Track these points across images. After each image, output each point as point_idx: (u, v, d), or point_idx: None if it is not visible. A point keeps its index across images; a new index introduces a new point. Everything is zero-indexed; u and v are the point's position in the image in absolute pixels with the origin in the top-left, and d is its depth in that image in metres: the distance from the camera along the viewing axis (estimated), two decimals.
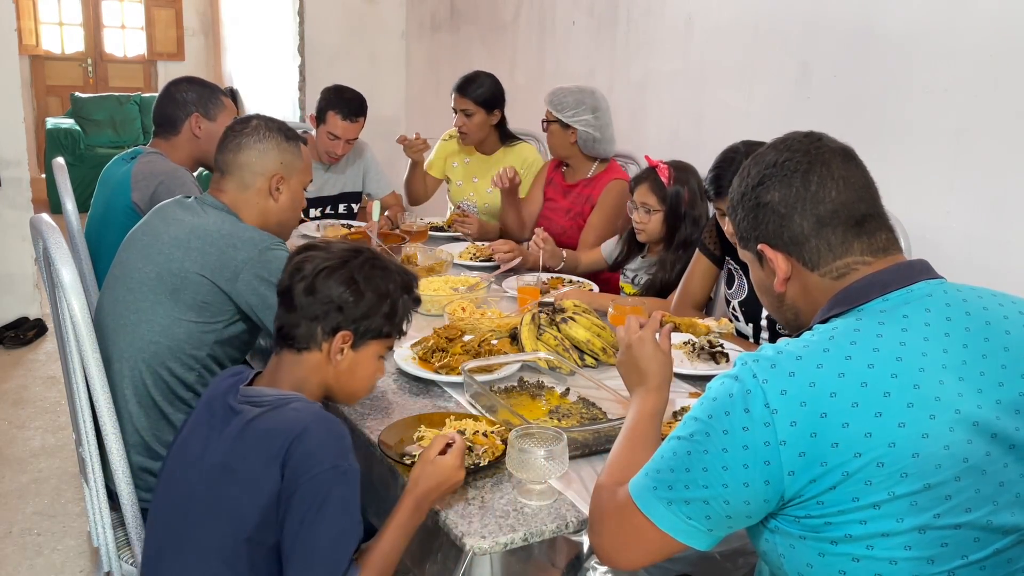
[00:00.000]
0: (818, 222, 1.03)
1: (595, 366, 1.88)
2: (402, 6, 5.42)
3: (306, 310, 1.27)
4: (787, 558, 0.97)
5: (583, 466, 1.41)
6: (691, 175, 2.38)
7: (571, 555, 1.28)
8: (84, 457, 1.56)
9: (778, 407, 0.91)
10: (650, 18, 3.35)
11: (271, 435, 1.17)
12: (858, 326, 0.96)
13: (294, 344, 1.29)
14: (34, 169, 6.43)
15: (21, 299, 4.16)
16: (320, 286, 1.27)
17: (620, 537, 1.04)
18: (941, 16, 2.27)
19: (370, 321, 1.30)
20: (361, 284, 1.28)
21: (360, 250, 1.33)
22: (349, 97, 3.00)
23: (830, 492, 0.90)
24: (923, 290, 0.99)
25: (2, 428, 3.18)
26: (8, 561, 2.39)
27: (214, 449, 1.22)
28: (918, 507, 0.88)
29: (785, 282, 1.09)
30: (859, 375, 0.91)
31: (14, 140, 3.97)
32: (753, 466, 0.91)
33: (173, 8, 8.30)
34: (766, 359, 0.95)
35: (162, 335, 1.63)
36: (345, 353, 1.30)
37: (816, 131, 1.10)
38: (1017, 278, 2.13)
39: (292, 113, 5.58)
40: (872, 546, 0.90)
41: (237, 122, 1.78)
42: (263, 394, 1.24)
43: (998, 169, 2.18)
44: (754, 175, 1.08)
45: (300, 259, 1.31)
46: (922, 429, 0.89)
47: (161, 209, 1.76)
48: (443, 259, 2.59)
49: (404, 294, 1.34)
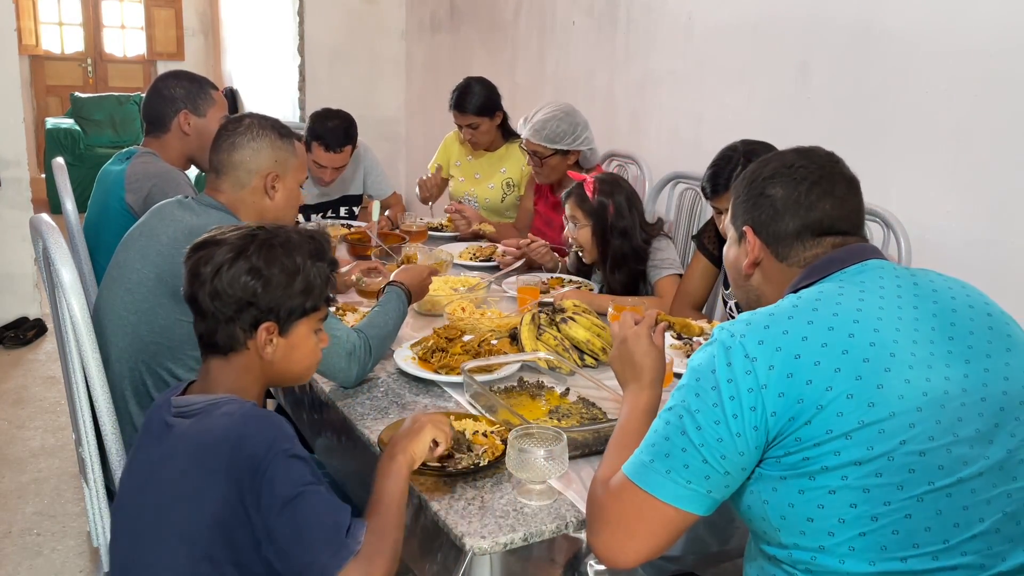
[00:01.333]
0: (803, 226, 1.16)
1: (595, 366, 1.88)
2: (402, 6, 5.42)
3: (218, 314, 1.18)
4: (770, 503, 1.02)
5: (583, 466, 1.41)
6: (618, 189, 2.36)
7: (571, 551, 1.28)
8: (84, 457, 1.56)
9: (757, 355, 1.00)
10: (650, 18, 3.35)
11: (207, 446, 1.11)
12: (820, 289, 1.09)
13: (218, 349, 1.21)
14: (34, 169, 6.43)
15: (21, 299, 4.16)
16: (222, 286, 1.17)
17: (621, 525, 1.06)
18: (941, 16, 2.27)
19: (288, 303, 1.20)
20: (263, 270, 1.18)
21: (254, 232, 1.23)
22: (332, 126, 2.95)
23: (806, 427, 0.98)
24: (875, 264, 1.12)
25: (2, 428, 3.18)
26: (8, 561, 2.39)
27: (153, 468, 1.17)
28: (885, 434, 0.96)
29: (753, 266, 1.21)
30: (826, 322, 1.02)
31: (14, 140, 3.97)
32: (741, 414, 0.99)
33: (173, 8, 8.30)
34: (741, 321, 1.06)
35: (162, 335, 1.63)
36: (275, 342, 1.21)
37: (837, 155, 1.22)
38: (1017, 278, 2.13)
39: (292, 113, 5.58)
40: (846, 476, 0.97)
41: (230, 121, 1.77)
42: (192, 403, 1.18)
43: (998, 169, 2.18)
44: (770, 169, 1.20)
45: (195, 261, 1.21)
46: (884, 364, 0.99)
47: (159, 209, 1.76)
48: (443, 259, 2.59)
49: (315, 262, 1.23)
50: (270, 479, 1.07)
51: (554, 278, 2.53)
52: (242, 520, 1.09)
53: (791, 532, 1.01)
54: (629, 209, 2.37)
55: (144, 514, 1.17)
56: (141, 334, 1.63)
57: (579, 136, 2.73)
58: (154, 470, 1.17)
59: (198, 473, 1.11)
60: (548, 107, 2.76)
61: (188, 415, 1.17)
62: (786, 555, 1.03)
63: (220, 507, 1.09)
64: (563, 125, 2.71)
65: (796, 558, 1.02)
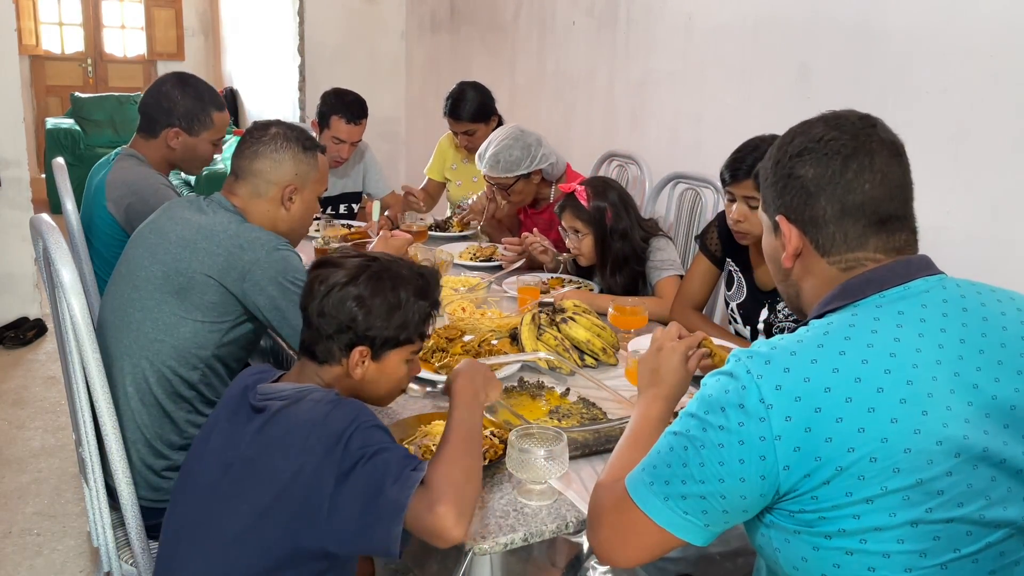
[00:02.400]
0: (843, 210, 1.02)
1: (595, 366, 1.88)
2: (402, 6, 5.42)
3: (321, 329, 1.28)
4: (782, 552, 0.97)
5: (583, 466, 1.40)
6: (611, 190, 2.37)
7: (571, 555, 1.28)
8: (84, 457, 1.55)
9: (773, 402, 0.91)
10: (650, 18, 3.35)
11: (295, 427, 1.18)
12: (853, 322, 0.97)
13: (315, 358, 1.31)
14: (34, 169, 6.43)
15: (21, 299, 4.16)
16: (329, 307, 1.27)
17: (618, 533, 1.04)
18: (941, 16, 2.27)
19: (384, 333, 1.29)
20: (367, 300, 1.27)
21: (370, 262, 1.32)
22: (350, 100, 3.00)
23: (824, 487, 0.90)
24: (920, 287, 0.99)
25: (2, 428, 3.18)
26: (8, 561, 2.39)
27: (236, 444, 1.23)
28: (910, 502, 0.89)
29: (794, 258, 1.08)
30: (853, 371, 0.91)
31: (14, 140, 3.97)
32: (749, 461, 0.92)
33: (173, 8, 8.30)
34: (760, 355, 0.95)
35: (167, 334, 1.63)
36: (366, 365, 1.30)
37: (873, 116, 1.07)
38: (1017, 278, 2.13)
39: (292, 113, 5.58)
40: (865, 540, 0.91)
41: (256, 127, 1.76)
42: (281, 391, 1.25)
43: (998, 169, 2.18)
44: (796, 144, 1.06)
45: (311, 278, 1.31)
46: (914, 425, 0.89)
47: (169, 208, 1.77)
48: (443, 259, 2.59)
49: (418, 300, 1.31)
50: (351, 442, 1.13)
51: (554, 278, 2.53)
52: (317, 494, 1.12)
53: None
54: (625, 209, 2.37)
55: (218, 483, 1.22)
56: (146, 331, 1.64)
57: (535, 156, 2.70)
58: (237, 445, 1.22)
59: (282, 453, 1.16)
60: (496, 139, 2.74)
61: (277, 400, 1.23)
62: None
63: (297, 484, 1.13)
64: (515, 152, 2.68)
65: None
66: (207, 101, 2.31)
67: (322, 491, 1.12)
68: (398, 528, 1.09)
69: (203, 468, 1.27)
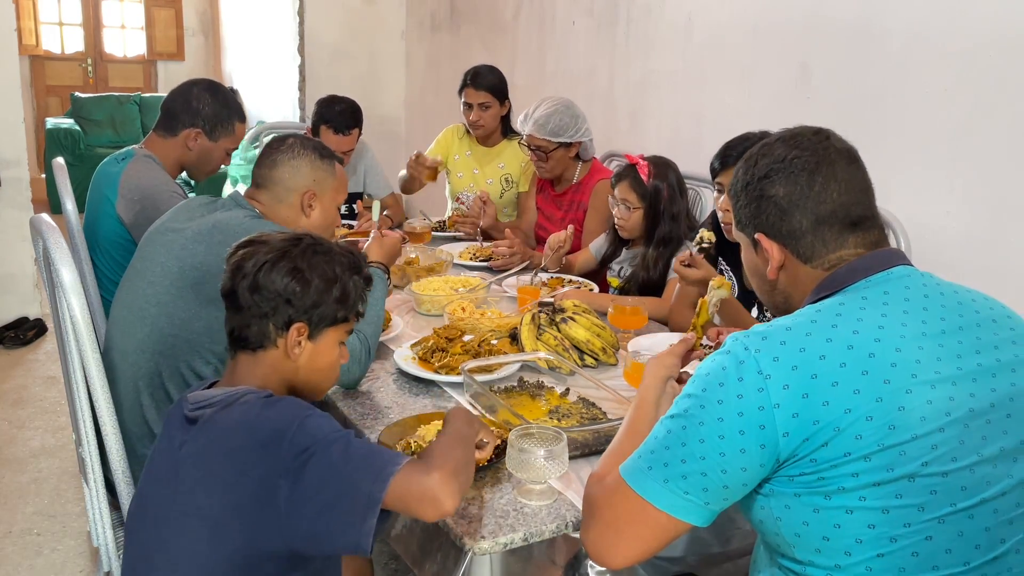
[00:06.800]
0: (817, 220, 1.09)
1: (595, 366, 1.88)
2: (402, 6, 5.42)
3: (254, 308, 1.23)
4: (783, 520, 1.00)
5: (583, 466, 1.41)
6: (671, 171, 2.37)
7: (571, 553, 1.28)
8: (84, 457, 1.56)
9: (771, 372, 0.96)
10: (650, 18, 3.35)
11: (229, 431, 1.14)
12: (842, 300, 1.04)
13: (248, 345, 1.25)
14: (34, 169, 6.43)
15: (21, 299, 4.16)
16: (264, 281, 1.22)
17: (613, 526, 1.04)
18: (941, 16, 2.27)
19: (322, 308, 1.25)
20: (306, 272, 1.24)
21: (299, 238, 1.29)
22: (340, 110, 2.98)
23: (823, 449, 0.94)
24: (901, 272, 1.07)
25: (2, 428, 3.18)
26: (8, 561, 2.39)
27: (175, 460, 1.18)
28: (906, 456, 0.93)
29: (778, 270, 1.15)
30: (845, 340, 0.98)
31: (14, 140, 3.97)
32: (749, 432, 0.96)
33: (173, 8, 8.30)
34: (756, 333, 1.01)
35: (182, 328, 1.65)
36: (303, 345, 1.25)
37: (824, 128, 1.15)
38: (1017, 278, 2.13)
39: (292, 113, 5.58)
40: (864, 497, 0.94)
41: (275, 140, 1.83)
42: (211, 397, 1.20)
43: (998, 169, 2.18)
44: (762, 166, 1.13)
45: (239, 256, 1.26)
46: (905, 385, 0.95)
47: (186, 205, 1.81)
48: (443, 259, 2.60)
49: (352, 275, 1.29)
50: (296, 438, 1.09)
51: (554, 278, 2.53)
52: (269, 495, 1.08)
53: (806, 549, 0.99)
54: (681, 193, 2.38)
55: (165, 503, 1.17)
56: (161, 326, 1.65)
57: (580, 128, 2.76)
58: (176, 461, 1.18)
59: (220, 459, 1.12)
60: (548, 102, 2.78)
61: (208, 407, 1.18)
62: (801, 569, 1.01)
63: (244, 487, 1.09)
64: (565, 118, 2.73)
65: (811, 574, 1.00)
66: (233, 110, 2.36)
67: (275, 492, 1.07)
68: (371, 522, 1.05)
69: (148, 491, 1.22)
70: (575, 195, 2.86)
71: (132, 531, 1.25)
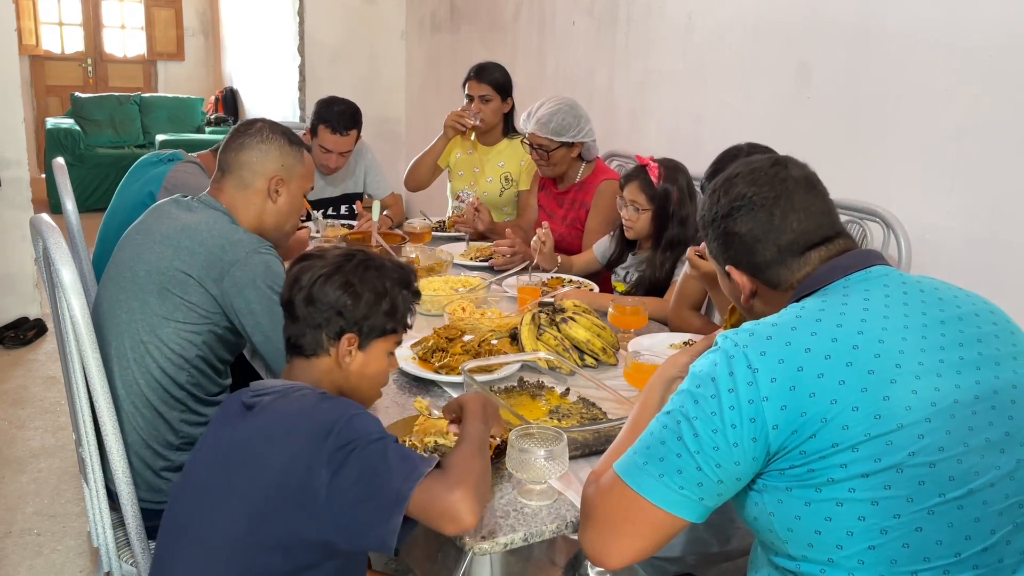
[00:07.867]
0: (779, 251, 1.15)
1: (595, 366, 1.88)
2: (402, 6, 5.42)
3: (308, 319, 1.30)
4: (776, 515, 1.01)
5: (583, 466, 1.40)
6: (681, 174, 2.36)
7: (571, 553, 1.28)
8: (84, 457, 1.55)
9: (759, 366, 0.99)
10: (650, 18, 3.35)
11: (282, 418, 1.19)
12: (824, 297, 1.08)
13: (303, 352, 1.33)
14: (34, 169, 6.43)
15: (21, 299, 4.17)
16: (318, 294, 1.30)
17: (609, 524, 1.05)
18: (941, 16, 2.27)
19: (372, 320, 1.32)
20: (357, 286, 1.30)
21: (353, 253, 1.36)
22: (339, 110, 2.97)
23: (811, 440, 0.96)
24: (880, 271, 1.11)
25: (2, 428, 3.18)
26: (8, 561, 2.39)
27: (226, 438, 1.25)
28: (893, 447, 0.95)
29: (750, 298, 1.21)
30: (829, 333, 1.01)
31: (14, 140, 3.97)
32: (740, 425, 0.98)
33: (173, 8, 8.31)
34: (744, 331, 1.05)
35: (150, 335, 1.62)
36: (353, 354, 1.32)
37: (783, 157, 1.21)
38: (1017, 278, 2.13)
39: (292, 113, 5.58)
40: (854, 488, 0.96)
41: (242, 124, 1.79)
42: (271, 386, 1.27)
43: (998, 169, 2.18)
44: (724, 205, 1.18)
45: (297, 270, 1.34)
46: (890, 375, 0.98)
47: (157, 208, 1.76)
48: (443, 259, 2.60)
49: (402, 289, 1.35)
50: (343, 431, 1.14)
51: (554, 278, 2.53)
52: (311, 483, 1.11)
53: (799, 544, 1.00)
54: (690, 197, 2.36)
55: (211, 480, 1.23)
56: (132, 333, 1.62)
57: (583, 128, 2.74)
58: (228, 442, 1.24)
59: (273, 443, 1.17)
60: (551, 101, 2.77)
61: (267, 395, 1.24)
62: (795, 566, 1.02)
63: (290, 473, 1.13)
64: (568, 118, 2.72)
65: (805, 570, 1.01)
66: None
67: (316, 480, 1.12)
68: (397, 519, 1.09)
69: (196, 468, 1.28)
70: (578, 194, 2.85)
71: (174, 500, 1.30)
